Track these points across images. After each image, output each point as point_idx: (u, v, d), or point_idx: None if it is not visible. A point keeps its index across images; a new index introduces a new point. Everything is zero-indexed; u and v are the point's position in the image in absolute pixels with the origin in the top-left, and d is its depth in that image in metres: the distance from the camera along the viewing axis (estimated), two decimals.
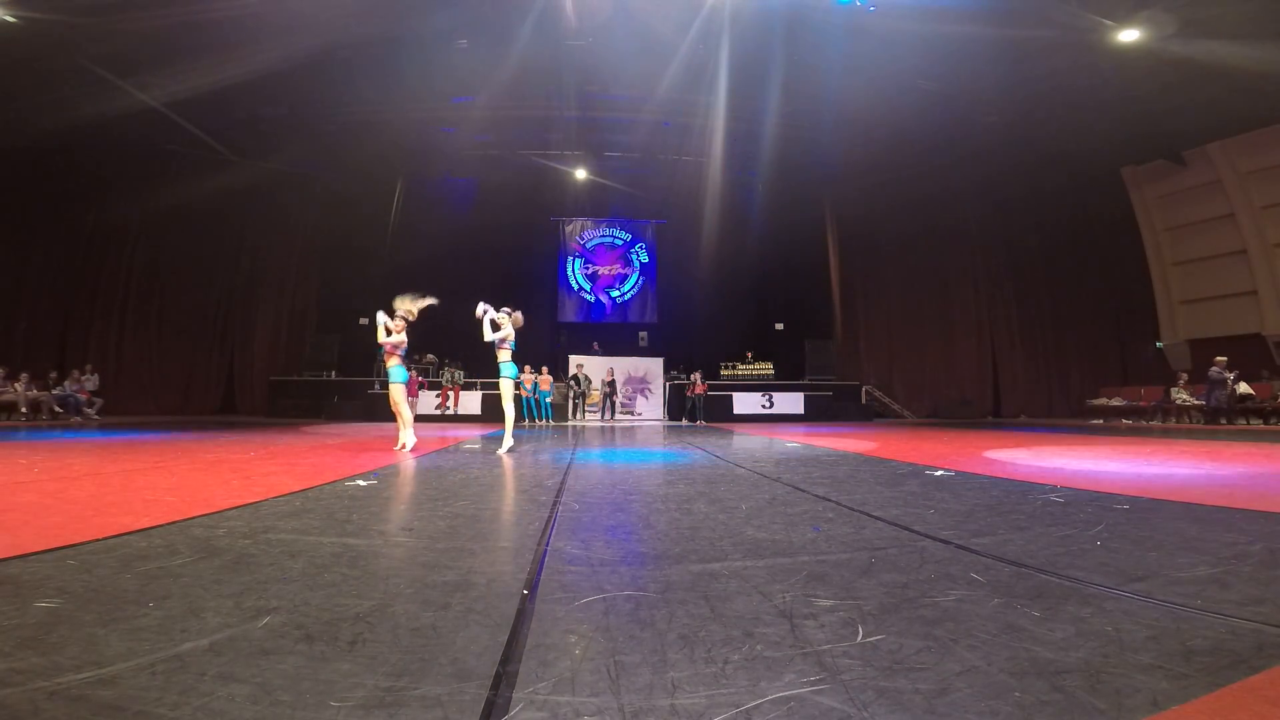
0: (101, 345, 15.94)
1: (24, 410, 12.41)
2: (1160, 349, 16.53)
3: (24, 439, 7.70)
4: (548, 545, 2.28)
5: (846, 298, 18.86)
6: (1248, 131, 14.03)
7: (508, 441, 6.57)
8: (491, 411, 15.36)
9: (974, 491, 3.59)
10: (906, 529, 2.54)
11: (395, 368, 6.75)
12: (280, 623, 1.45)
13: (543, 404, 14.93)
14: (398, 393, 6.73)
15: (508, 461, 5.55)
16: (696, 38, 11.87)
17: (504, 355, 6.76)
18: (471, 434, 10.00)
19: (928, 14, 10.81)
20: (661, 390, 17.97)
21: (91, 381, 13.93)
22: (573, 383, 16.75)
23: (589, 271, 20.06)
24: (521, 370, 15.38)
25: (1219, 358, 12.51)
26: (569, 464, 5.36)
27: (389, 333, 6.71)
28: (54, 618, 1.46)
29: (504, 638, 1.37)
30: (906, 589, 1.73)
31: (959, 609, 1.55)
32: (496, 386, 6.81)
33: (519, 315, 6.91)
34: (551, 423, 14.55)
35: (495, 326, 6.66)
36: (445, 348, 16.22)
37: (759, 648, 1.32)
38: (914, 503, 3.20)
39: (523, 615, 1.52)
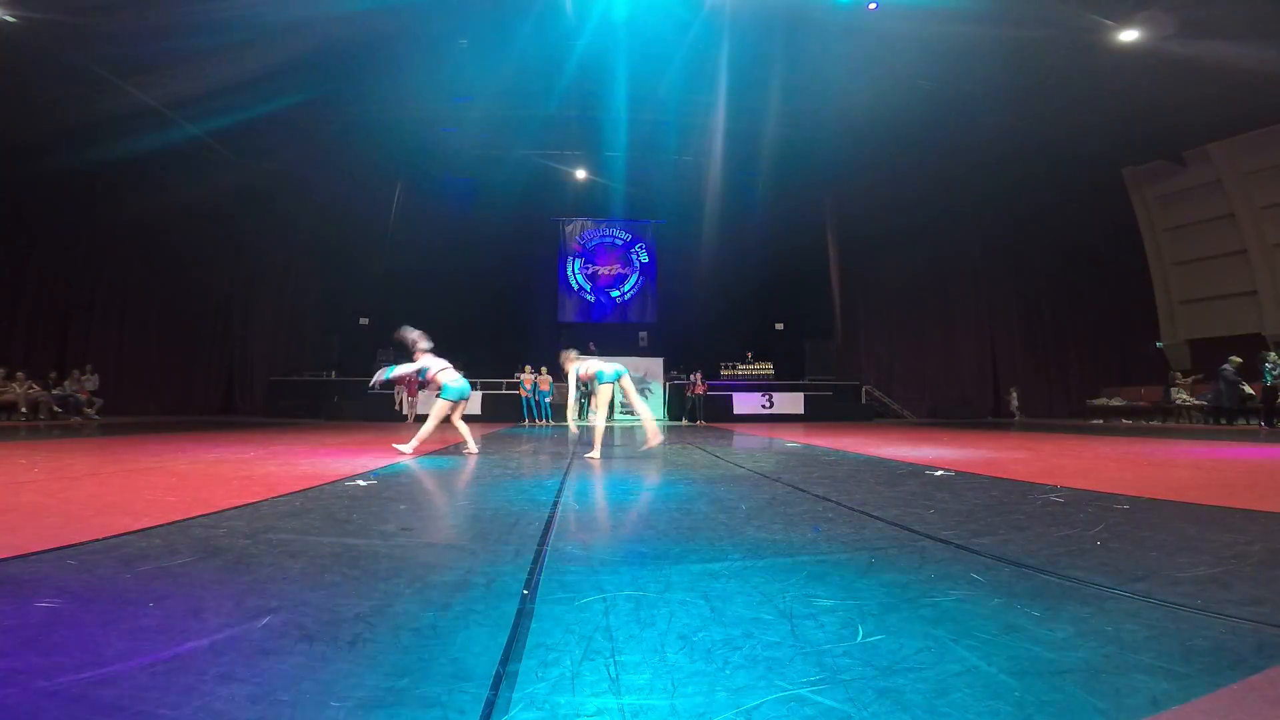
0: (101, 345, 15.93)
1: (24, 410, 12.41)
2: (1160, 349, 16.53)
3: (24, 439, 7.70)
4: (548, 545, 2.28)
5: (846, 298, 18.85)
6: (1248, 131, 14.03)
7: (597, 448, 6.08)
8: (492, 412, 15.38)
9: (974, 491, 3.59)
10: (906, 529, 2.54)
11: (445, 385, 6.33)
12: (280, 623, 1.45)
13: (542, 404, 14.96)
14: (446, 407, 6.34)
15: (512, 462, 5.54)
16: (696, 38, 11.87)
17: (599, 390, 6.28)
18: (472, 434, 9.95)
19: (928, 14, 10.81)
20: (661, 390, 17.97)
21: (91, 381, 13.92)
22: (579, 385, 16.73)
23: (589, 271, 20.05)
24: (522, 370, 15.42)
25: (1233, 357, 12.41)
26: (569, 464, 5.36)
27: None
28: (54, 618, 1.46)
29: (504, 638, 1.37)
30: (906, 589, 1.73)
31: (959, 609, 1.55)
32: (498, 388, 6.69)
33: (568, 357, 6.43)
34: (551, 422, 14.56)
35: (580, 382, 6.46)
36: (445, 348, 16.21)
37: (759, 648, 1.32)
38: (914, 503, 3.20)
39: (523, 615, 1.52)
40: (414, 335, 6.45)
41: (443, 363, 6.47)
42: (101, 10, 10.17)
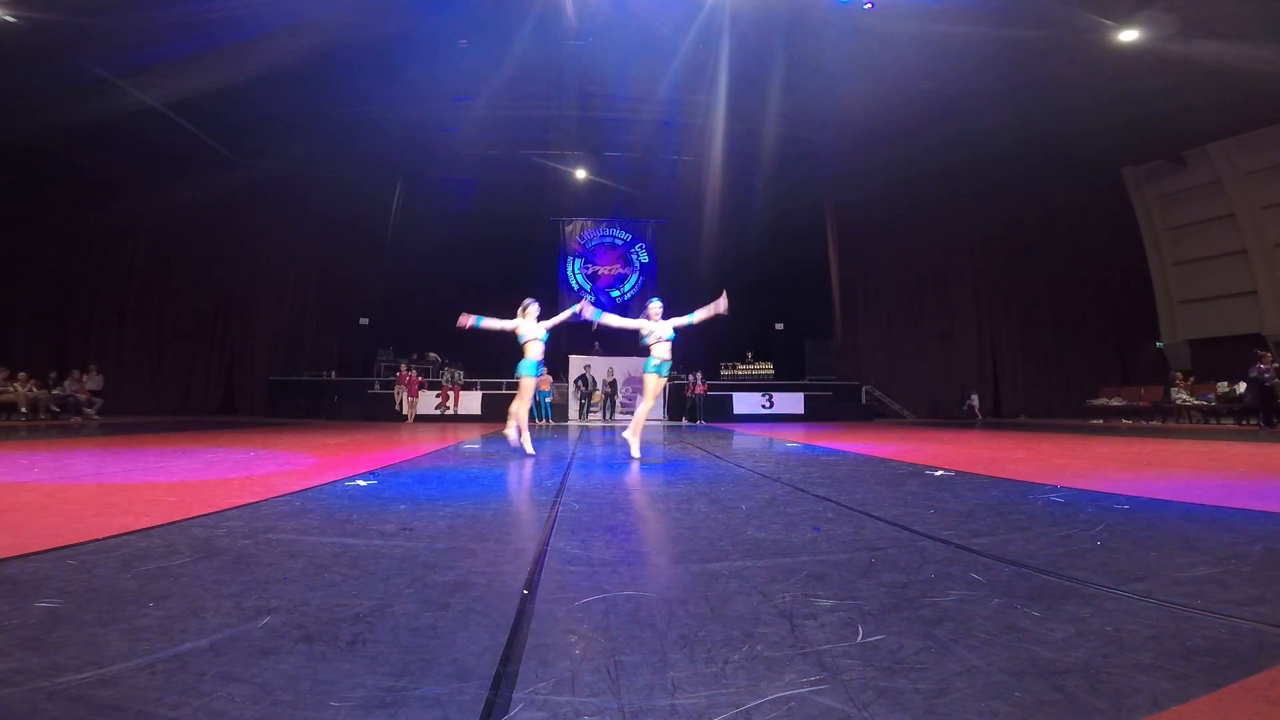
0: (101, 345, 15.93)
1: (23, 410, 12.41)
2: (1160, 349, 16.52)
3: (24, 439, 7.70)
4: (548, 545, 2.28)
5: (846, 298, 18.84)
6: (1248, 131, 14.01)
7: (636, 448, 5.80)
8: (492, 411, 15.37)
9: (974, 491, 3.59)
10: (906, 529, 2.54)
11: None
12: (280, 623, 1.45)
13: (543, 404, 14.94)
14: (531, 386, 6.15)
15: (513, 462, 5.54)
16: (696, 38, 11.86)
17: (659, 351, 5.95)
18: (472, 434, 9.98)
19: (928, 14, 10.80)
20: (662, 390, 17.93)
21: (93, 381, 13.92)
22: (580, 383, 16.73)
23: (589, 271, 20.04)
24: None
25: (1264, 353, 12.13)
26: (569, 464, 5.36)
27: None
28: (54, 618, 1.46)
29: (504, 638, 1.37)
30: (906, 589, 1.73)
31: (959, 609, 1.55)
32: (498, 388, 6.58)
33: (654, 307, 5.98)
34: (552, 422, 14.55)
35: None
36: (446, 348, 16.22)
37: (759, 648, 1.32)
38: (914, 503, 3.20)
39: (523, 615, 1.52)
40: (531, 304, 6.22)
41: (536, 331, 6.20)
42: (101, 10, 10.16)
